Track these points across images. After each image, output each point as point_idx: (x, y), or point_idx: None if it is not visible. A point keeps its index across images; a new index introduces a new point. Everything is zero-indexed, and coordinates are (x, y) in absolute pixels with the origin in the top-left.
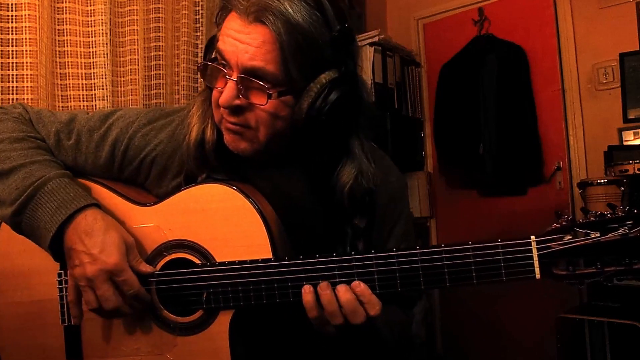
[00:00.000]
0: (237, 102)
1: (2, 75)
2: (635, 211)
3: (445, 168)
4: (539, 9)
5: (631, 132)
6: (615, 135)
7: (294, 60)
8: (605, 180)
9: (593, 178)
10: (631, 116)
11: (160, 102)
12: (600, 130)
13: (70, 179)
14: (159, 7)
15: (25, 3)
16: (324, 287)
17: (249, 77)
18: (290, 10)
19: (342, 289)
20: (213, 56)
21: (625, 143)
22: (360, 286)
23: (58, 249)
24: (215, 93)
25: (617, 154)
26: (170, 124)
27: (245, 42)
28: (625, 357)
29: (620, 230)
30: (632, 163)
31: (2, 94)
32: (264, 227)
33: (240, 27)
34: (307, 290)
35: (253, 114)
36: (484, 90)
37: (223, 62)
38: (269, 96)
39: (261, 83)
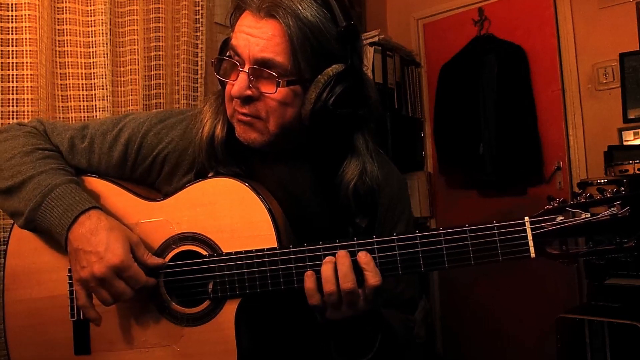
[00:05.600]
0: (248, 92)
1: (2, 75)
2: (624, 192)
3: (445, 168)
4: (539, 9)
5: (631, 132)
6: (615, 135)
7: (302, 52)
8: (605, 180)
9: (593, 178)
10: (631, 116)
11: (160, 102)
12: (600, 130)
13: (75, 185)
14: (159, 7)
15: (25, 3)
16: (327, 260)
17: (260, 67)
18: (300, 7)
19: (341, 253)
20: (227, 53)
21: (625, 143)
22: (366, 256)
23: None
24: (228, 87)
25: (617, 154)
26: (182, 122)
27: (256, 35)
28: (625, 357)
29: (609, 211)
30: (632, 163)
31: (2, 94)
32: (270, 217)
33: (252, 22)
34: (309, 275)
35: (263, 104)
36: (484, 90)
37: (236, 56)
38: (278, 84)
39: (271, 72)
